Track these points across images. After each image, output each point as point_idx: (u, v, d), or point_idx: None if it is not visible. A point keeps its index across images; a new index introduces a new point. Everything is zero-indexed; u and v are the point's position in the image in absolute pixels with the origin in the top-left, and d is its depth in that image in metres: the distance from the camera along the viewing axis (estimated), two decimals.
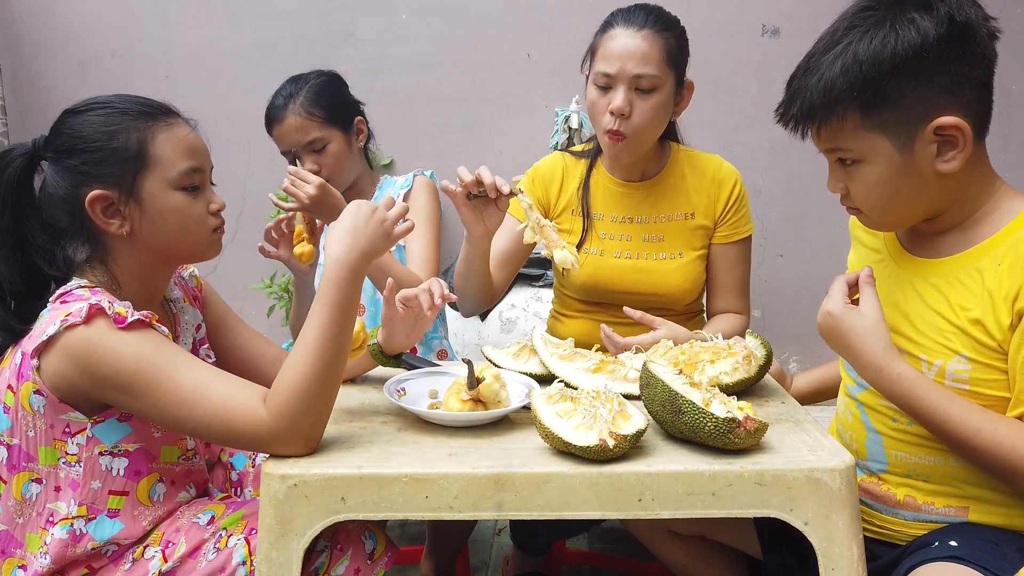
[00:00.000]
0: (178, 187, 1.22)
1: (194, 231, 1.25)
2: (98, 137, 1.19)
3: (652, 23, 1.65)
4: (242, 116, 3.43)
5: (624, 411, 1.12)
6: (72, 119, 1.22)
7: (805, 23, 3.48)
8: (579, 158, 1.85)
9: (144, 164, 1.20)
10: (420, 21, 3.44)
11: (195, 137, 1.27)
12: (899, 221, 1.23)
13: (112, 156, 1.19)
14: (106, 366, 1.11)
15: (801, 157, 3.55)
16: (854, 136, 1.14)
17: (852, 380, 1.33)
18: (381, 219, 1.21)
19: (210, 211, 1.27)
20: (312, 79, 1.96)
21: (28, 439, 1.18)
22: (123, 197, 1.19)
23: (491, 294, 1.74)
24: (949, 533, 1.16)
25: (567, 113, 3.11)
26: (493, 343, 2.72)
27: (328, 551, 1.19)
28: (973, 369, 1.14)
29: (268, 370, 1.45)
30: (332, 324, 1.13)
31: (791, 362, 3.64)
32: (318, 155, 1.92)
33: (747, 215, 1.81)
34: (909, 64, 1.08)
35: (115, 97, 1.24)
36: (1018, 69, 3.34)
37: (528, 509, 1.05)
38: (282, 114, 1.91)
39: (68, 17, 3.45)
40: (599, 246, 1.79)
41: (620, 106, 1.62)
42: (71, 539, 1.18)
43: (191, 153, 1.24)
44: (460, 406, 1.21)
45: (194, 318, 1.40)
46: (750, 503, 1.04)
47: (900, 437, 1.23)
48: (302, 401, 1.10)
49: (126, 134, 1.19)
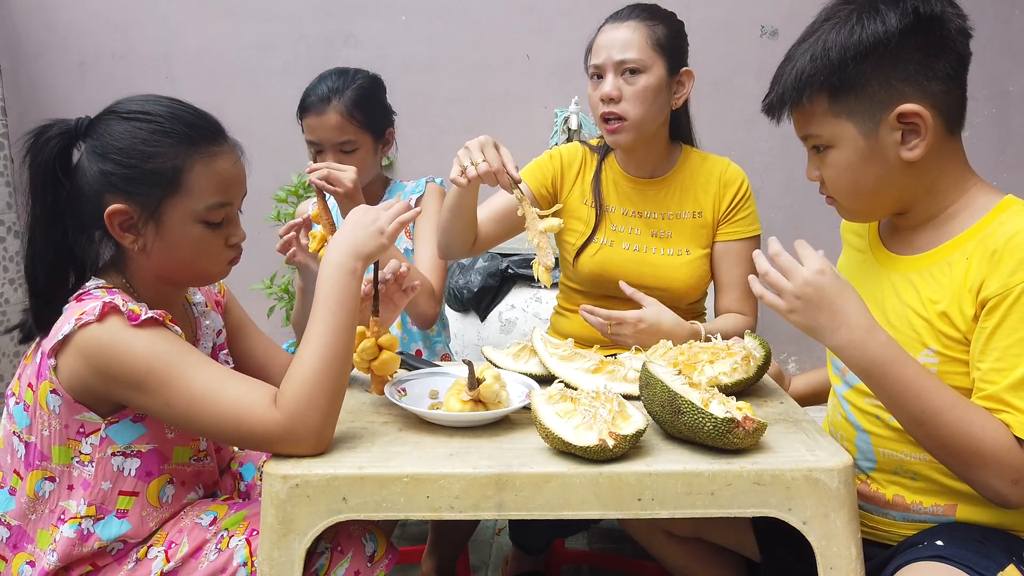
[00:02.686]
0: (201, 220, 1.19)
1: (206, 263, 1.24)
2: (135, 154, 1.16)
3: (637, 15, 1.73)
4: (242, 117, 3.43)
5: (624, 411, 1.13)
6: (115, 124, 1.18)
7: (804, 24, 3.48)
8: (595, 152, 1.89)
9: (174, 191, 1.17)
10: (420, 22, 3.45)
11: (235, 169, 1.23)
12: (870, 209, 1.26)
13: (144, 177, 1.16)
14: (119, 363, 1.11)
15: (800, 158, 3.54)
16: (823, 121, 1.19)
17: (838, 379, 1.34)
18: (373, 218, 1.23)
19: (228, 244, 1.24)
20: (360, 79, 1.92)
21: (43, 438, 1.18)
22: (144, 217, 1.17)
23: (472, 242, 1.76)
24: (937, 533, 1.17)
25: (566, 114, 3.12)
26: (493, 343, 2.73)
27: (328, 553, 1.18)
28: (941, 362, 1.16)
29: (280, 377, 1.45)
30: (332, 321, 1.15)
31: (790, 363, 3.64)
32: (345, 155, 1.89)
33: (753, 216, 1.83)
34: (872, 52, 1.14)
35: (165, 110, 1.19)
36: (1017, 70, 3.34)
37: (528, 509, 1.06)
38: (323, 107, 1.87)
39: (68, 18, 3.45)
40: (609, 237, 1.82)
41: (607, 91, 1.70)
42: (78, 538, 1.18)
43: (224, 188, 1.20)
44: (461, 406, 1.21)
45: (215, 323, 1.41)
46: (749, 503, 1.05)
47: (885, 434, 1.25)
48: (311, 396, 1.10)
49: (163, 158, 1.16)
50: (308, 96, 1.90)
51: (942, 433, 1.09)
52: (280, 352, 1.50)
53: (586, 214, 1.84)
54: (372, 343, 1.31)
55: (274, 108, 3.57)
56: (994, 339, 1.09)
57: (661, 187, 1.82)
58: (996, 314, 1.09)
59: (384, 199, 2.04)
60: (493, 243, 1.84)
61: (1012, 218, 1.13)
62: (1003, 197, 1.18)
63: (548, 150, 1.91)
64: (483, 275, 2.80)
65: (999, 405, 1.09)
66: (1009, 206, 1.16)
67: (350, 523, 1.19)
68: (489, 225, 1.79)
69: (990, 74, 3.29)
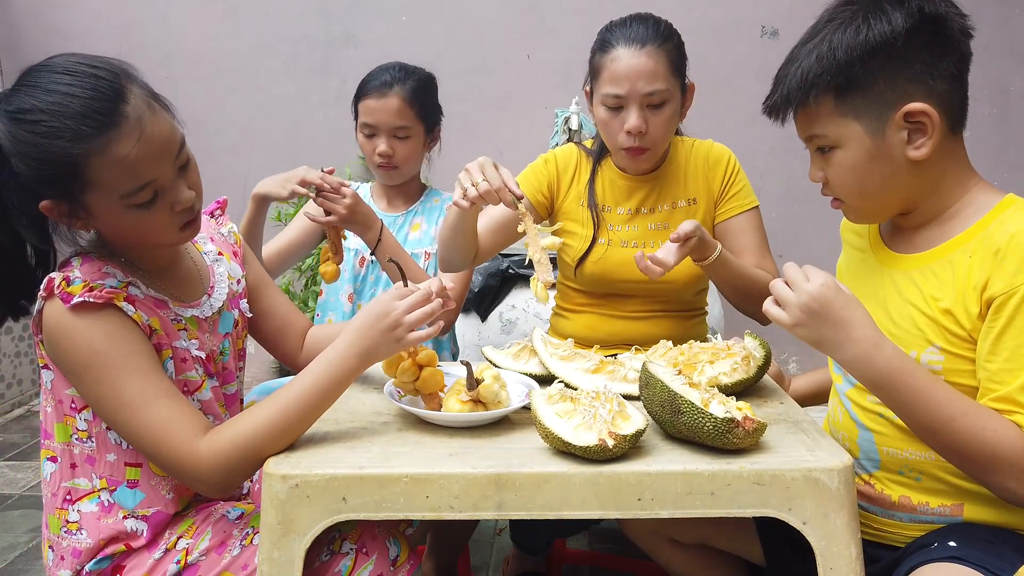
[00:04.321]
0: (129, 205, 1.11)
1: (156, 237, 1.18)
2: (30, 159, 1.06)
3: (652, 38, 1.65)
4: (243, 117, 3.44)
5: (623, 411, 1.13)
6: (5, 124, 1.08)
7: (805, 24, 3.49)
8: (589, 155, 1.88)
9: (84, 187, 1.09)
10: (421, 22, 3.45)
11: (140, 149, 1.08)
12: (876, 210, 1.26)
13: (49, 179, 1.08)
14: (61, 350, 1.12)
15: (801, 158, 3.54)
16: (829, 122, 1.19)
17: (840, 378, 1.34)
18: (393, 325, 1.17)
19: (174, 211, 1.16)
20: (420, 74, 2.02)
21: (46, 415, 1.21)
22: (73, 209, 1.12)
23: (473, 257, 1.76)
24: (947, 534, 1.17)
25: (567, 114, 3.12)
26: (493, 344, 2.73)
27: (353, 554, 1.19)
28: (946, 360, 1.16)
29: (296, 341, 1.46)
30: (309, 401, 1.14)
31: (790, 363, 3.64)
32: (398, 141, 1.98)
33: (747, 189, 1.82)
34: (879, 51, 1.14)
35: (49, 101, 1.06)
36: (1018, 70, 3.34)
37: (528, 509, 1.06)
38: (387, 91, 1.95)
39: (68, 18, 3.45)
40: (607, 237, 1.82)
41: (637, 125, 1.66)
42: (101, 511, 1.20)
43: (135, 172, 1.09)
44: (460, 407, 1.21)
45: (233, 271, 1.39)
46: (749, 503, 1.04)
47: (889, 432, 1.24)
48: (246, 457, 1.11)
49: (57, 161, 1.06)
50: (371, 80, 1.98)
51: (956, 440, 1.08)
52: (299, 315, 1.48)
53: (584, 217, 1.83)
54: (410, 363, 1.25)
55: (274, 108, 3.57)
56: (1003, 339, 1.09)
57: (656, 181, 1.82)
58: (1004, 314, 1.09)
59: (421, 201, 2.11)
60: (493, 254, 1.85)
61: (1013, 216, 1.13)
62: (1004, 196, 1.18)
63: (543, 154, 1.91)
64: (484, 275, 2.80)
65: (1011, 406, 1.08)
66: (1010, 205, 1.16)
67: (375, 525, 1.21)
68: (488, 236, 1.79)
69: (990, 74, 3.29)
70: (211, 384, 1.28)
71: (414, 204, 2.12)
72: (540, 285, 1.36)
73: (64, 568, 1.20)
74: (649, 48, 1.64)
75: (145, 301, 1.19)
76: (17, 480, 2.84)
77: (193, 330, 1.25)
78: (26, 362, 3.74)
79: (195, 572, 1.20)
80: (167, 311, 1.22)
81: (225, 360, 1.32)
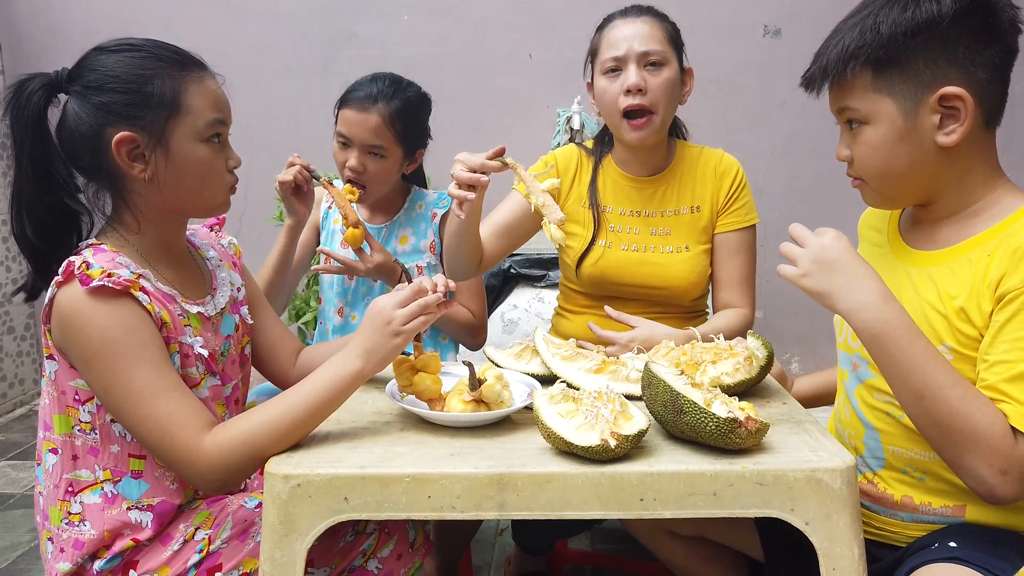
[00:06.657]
0: (204, 138, 1.22)
1: (213, 184, 1.25)
2: (133, 79, 1.17)
3: (648, 12, 1.74)
4: (244, 117, 3.42)
5: (626, 411, 1.13)
6: (105, 57, 1.19)
7: (806, 23, 3.49)
8: (590, 155, 1.88)
9: (175, 112, 1.19)
10: (422, 22, 3.45)
11: (222, 92, 1.27)
12: (897, 193, 1.24)
13: (146, 100, 1.17)
14: (73, 333, 1.13)
15: (803, 157, 3.55)
16: (863, 96, 1.18)
17: (847, 375, 1.33)
18: (387, 320, 1.20)
19: (228, 167, 1.27)
20: (411, 92, 1.91)
21: (44, 407, 1.21)
22: (151, 142, 1.18)
23: (479, 263, 1.75)
24: (948, 534, 1.17)
25: (569, 114, 3.12)
26: (495, 344, 2.72)
27: (377, 534, 1.30)
28: (955, 360, 1.16)
29: (286, 360, 1.47)
30: (313, 402, 1.16)
31: (793, 363, 3.64)
32: (370, 159, 1.86)
33: (749, 205, 1.83)
34: (924, 30, 1.13)
35: (148, 42, 1.22)
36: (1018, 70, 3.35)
37: (530, 509, 1.05)
38: (367, 105, 1.84)
39: (69, 18, 3.46)
40: (607, 238, 1.81)
41: (635, 81, 1.67)
42: (104, 502, 1.20)
43: (219, 106, 1.24)
44: (462, 407, 1.21)
45: (234, 279, 1.41)
46: (751, 503, 1.04)
47: (895, 431, 1.24)
48: (248, 451, 1.12)
49: (160, 80, 1.18)
50: (355, 90, 1.88)
51: (941, 410, 1.07)
52: (290, 336, 1.50)
53: (584, 217, 1.83)
54: (405, 367, 1.28)
55: (275, 108, 3.57)
56: (1004, 332, 1.09)
57: (660, 184, 1.81)
58: (1010, 308, 1.09)
59: (405, 208, 2.03)
60: (498, 259, 1.83)
61: None
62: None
63: (543, 156, 1.90)
64: (486, 275, 2.79)
65: (998, 395, 1.08)
66: None
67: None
68: (493, 241, 1.77)
69: None
70: (210, 383, 1.28)
71: (397, 213, 2.02)
72: (552, 227, 1.36)
73: (63, 560, 1.20)
74: (644, 18, 1.72)
75: (156, 294, 1.20)
76: (19, 479, 2.85)
77: (198, 327, 1.26)
78: (28, 361, 3.75)
79: (217, 559, 1.21)
80: (175, 306, 1.23)
81: (225, 360, 1.33)
